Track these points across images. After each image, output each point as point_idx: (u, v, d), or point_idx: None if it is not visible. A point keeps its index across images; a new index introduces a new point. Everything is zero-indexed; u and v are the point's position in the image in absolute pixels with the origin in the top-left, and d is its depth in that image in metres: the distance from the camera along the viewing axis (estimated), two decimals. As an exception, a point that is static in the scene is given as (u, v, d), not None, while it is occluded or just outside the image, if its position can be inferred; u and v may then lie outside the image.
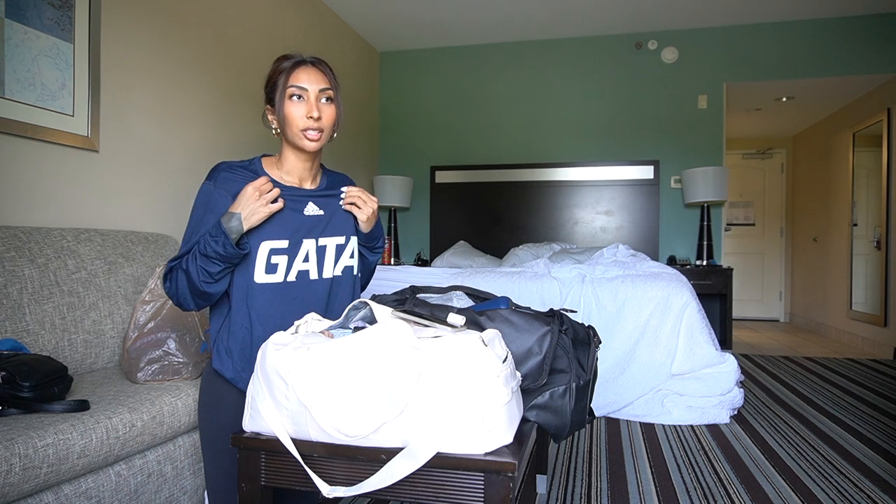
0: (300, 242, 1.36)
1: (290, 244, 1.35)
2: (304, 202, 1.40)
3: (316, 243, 1.39)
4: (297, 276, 1.36)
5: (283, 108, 1.34)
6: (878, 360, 4.38)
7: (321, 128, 1.35)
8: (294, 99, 1.33)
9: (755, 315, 7.09)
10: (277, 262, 1.34)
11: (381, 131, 5.45)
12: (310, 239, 1.38)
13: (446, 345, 1.02)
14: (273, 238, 1.33)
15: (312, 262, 1.38)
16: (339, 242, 1.42)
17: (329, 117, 1.36)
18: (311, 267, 1.38)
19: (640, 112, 4.90)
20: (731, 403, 2.74)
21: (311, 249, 1.38)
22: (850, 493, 1.93)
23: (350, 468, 1.05)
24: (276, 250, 1.34)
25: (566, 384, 1.30)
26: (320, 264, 1.39)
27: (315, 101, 1.34)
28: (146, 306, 1.73)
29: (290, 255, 1.35)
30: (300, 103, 1.34)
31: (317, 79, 1.35)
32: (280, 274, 1.34)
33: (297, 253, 1.36)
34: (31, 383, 1.31)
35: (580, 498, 1.90)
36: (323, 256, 1.40)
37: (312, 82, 1.34)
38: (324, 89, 1.35)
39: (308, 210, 1.39)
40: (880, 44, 4.45)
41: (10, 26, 1.90)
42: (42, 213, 2.04)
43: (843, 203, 5.50)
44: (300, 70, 1.34)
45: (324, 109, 1.35)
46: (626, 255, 3.44)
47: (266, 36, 3.53)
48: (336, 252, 1.42)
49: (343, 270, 1.44)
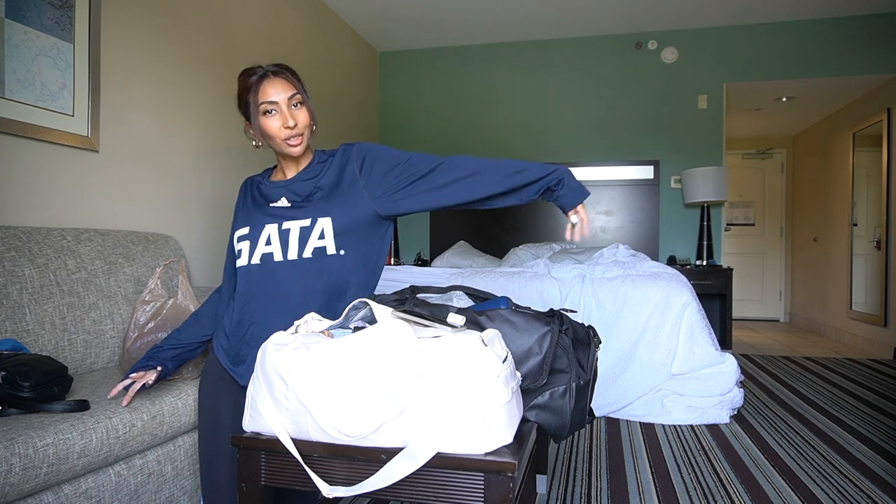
0: (262, 226, 1.43)
1: (251, 228, 1.44)
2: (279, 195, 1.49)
3: (279, 227, 1.43)
4: (262, 259, 1.42)
5: (260, 124, 1.42)
6: (878, 360, 4.38)
7: (299, 132, 1.43)
8: (268, 114, 1.41)
9: (755, 315, 7.09)
10: (241, 248, 1.44)
11: (381, 131, 5.45)
12: (272, 223, 1.43)
13: (446, 345, 1.02)
14: (239, 227, 1.46)
15: (276, 244, 1.42)
16: (303, 225, 1.41)
17: (303, 120, 1.44)
18: (274, 249, 1.42)
19: (640, 112, 4.90)
20: (731, 403, 2.74)
21: (273, 233, 1.42)
22: (850, 493, 1.93)
23: (350, 468, 1.05)
24: (241, 237, 1.45)
25: (566, 384, 1.30)
26: (284, 247, 1.42)
27: (287, 109, 1.41)
28: (146, 306, 1.74)
29: (251, 240, 1.43)
30: (274, 116, 1.41)
31: (283, 88, 1.41)
32: (245, 257, 1.43)
33: (259, 237, 1.43)
34: (31, 383, 1.31)
35: (580, 498, 1.90)
36: (287, 239, 1.42)
37: (280, 93, 1.40)
38: (292, 96, 1.42)
39: (279, 202, 1.47)
40: (880, 44, 4.45)
41: (10, 26, 1.90)
42: (42, 213, 2.04)
43: (843, 203, 5.50)
44: (265, 84, 1.41)
45: (297, 115, 1.42)
46: (626, 255, 3.44)
47: (266, 36, 3.53)
48: (300, 234, 1.41)
49: (313, 252, 1.41)
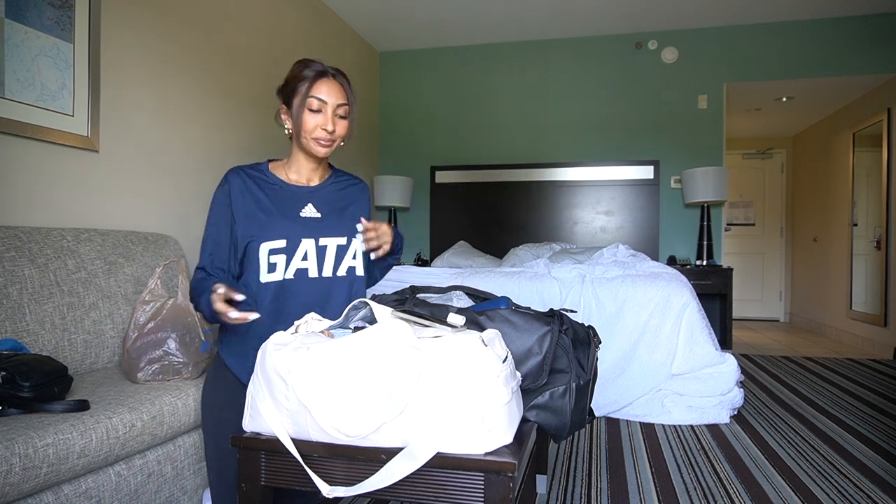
0: (299, 241, 1.40)
1: (288, 243, 1.39)
2: (302, 203, 1.45)
3: (316, 243, 1.41)
4: (296, 274, 1.39)
5: (302, 115, 1.40)
6: (878, 360, 4.38)
7: (333, 139, 1.42)
8: (313, 111, 1.40)
9: (755, 315, 7.08)
10: (276, 262, 1.38)
11: (381, 131, 5.45)
12: (309, 238, 1.41)
13: (446, 345, 1.02)
14: (271, 239, 1.38)
15: (312, 260, 1.40)
16: (340, 243, 1.45)
17: (341, 131, 1.44)
18: (310, 265, 1.40)
19: (640, 112, 4.90)
20: (731, 403, 2.74)
21: (311, 249, 1.41)
22: (850, 493, 1.93)
23: (350, 468, 1.05)
24: (275, 250, 1.38)
25: (566, 384, 1.30)
26: (320, 263, 1.42)
27: (332, 114, 1.41)
28: (146, 306, 1.73)
29: (288, 254, 1.39)
30: (318, 115, 1.40)
31: (337, 93, 1.41)
32: (279, 272, 1.38)
33: (296, 251, 1.39)
34: (31, 383, 1.31)
35: (580, 498, 1.90)
36: (323, 256, 1.42)
37: (332, 96, 1.40)
38: (341, 104, 1.42)
39: (305, 212, 1.44)
40: (880, 44, 4.45)
41: (10, 26, 1.90)
42: (42, 213, 2.04)
43: (843, 203, 5.50)
44: (322, 82, 1.40)
45: (338, 123, 1.42)
46: (626, 255, 3.43)
47: (266, 36, 3.53)
48: (337, 253, 1.44)
49: (347, 271, 1.45)
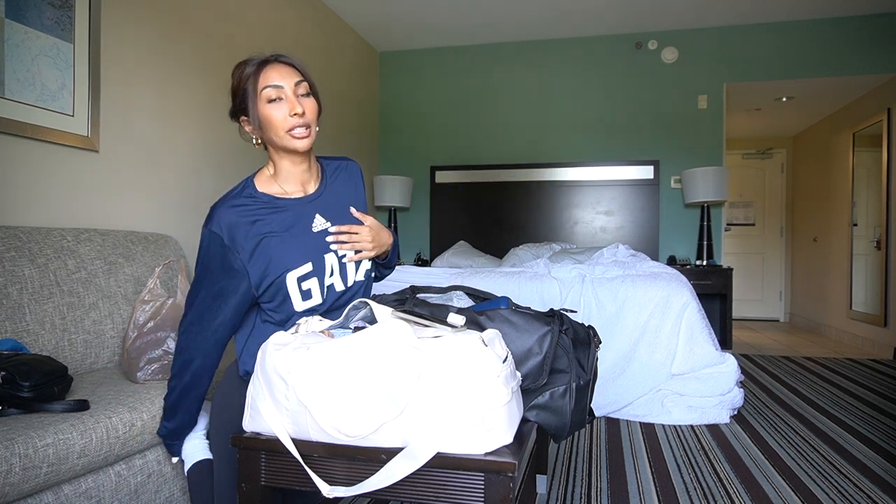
0: (322, 260, 1.32)
1: (315, 266, 1.30)
2: (310, 216, 1.35)
3: (337, 255, 1.36)
4: (328, 292, 1.34)
5: (262, 112, 1.26)
6: (878, 360, 4.38)
7: (307, 123, 1.28)
8: (272, 101, 1.26)
9: (755, 315, 7.08)
10: (310, 287, 1.30)
11: (381, 131, 5.45)
12: (329, 253, 1.34)
13: (446, 345, 1.02)
14: (296, 266, 1.28)
15: (336, 275, 1.36)
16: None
17: (312, 110, 1.29)
18: (335, 280, 1.35)
19: (640, 112, 4.90)
20: (731, 403, 2.74)
21: (334, 263, 1.35)
22: (850, 493, 1.92)
23: (350, 468, 1.05)
24: (304, 276, 1.29)
25: (566, 384, 1.30)
26: (343, 275, 1.37)
27: (294, 96, 1.26)
28: (146, 306, 1.73)
29: (318, 276, 1.31)
30: (279, 104, 1.26)
31: (289, 73, 1.27)
32: (317, 296, 1.31)
33: (324, 271, 1.32)
34: (31, 383, 1.31)
35: (580, 498, 1.90)
36: (345, 267, 1.37)
37: (285, 77, 1.26)
38: (299, 82, 1.28)
39: (316, 225, 1.34)
40: (880, 44, 4.45)
41: (10, 26, 1.90)
42: (42, 213, 2.04)
43: (843, 203, 5.50)
44: (268, 69, 1.27)
45: (305, 103, 1.28)
46: (626, 255, 3.43)
47: (266, 36, 3.53)
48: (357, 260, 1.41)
49: (364, 275, 1.42)
